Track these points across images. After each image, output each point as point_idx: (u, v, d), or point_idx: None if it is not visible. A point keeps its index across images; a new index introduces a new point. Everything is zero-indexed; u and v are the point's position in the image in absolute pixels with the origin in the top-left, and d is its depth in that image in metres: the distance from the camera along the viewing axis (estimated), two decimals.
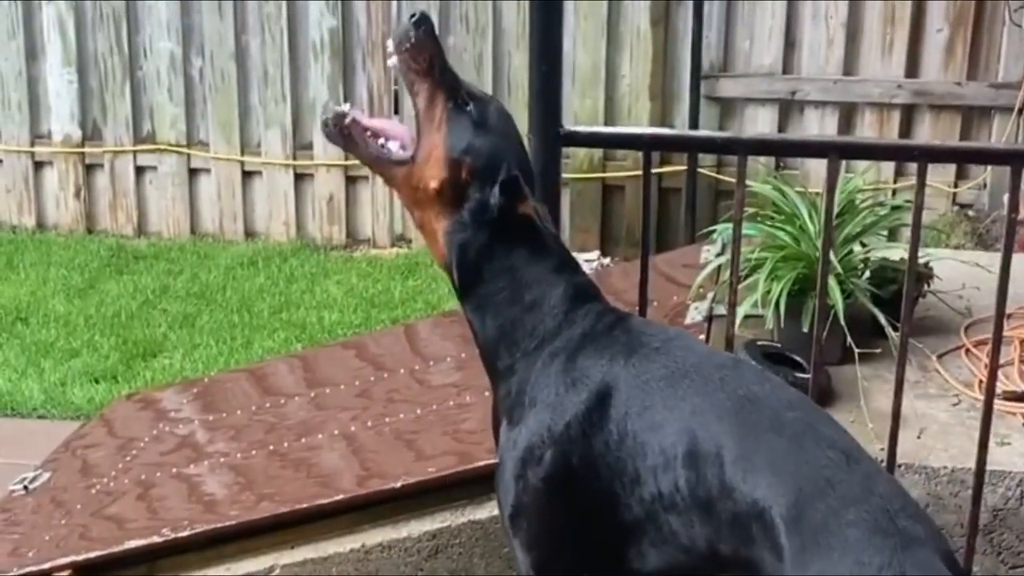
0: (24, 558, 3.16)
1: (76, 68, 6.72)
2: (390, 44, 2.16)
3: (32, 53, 6.77)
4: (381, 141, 2.20)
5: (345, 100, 6.55)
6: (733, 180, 2.64)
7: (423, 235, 2.22)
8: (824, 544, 1.76)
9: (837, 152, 2.59)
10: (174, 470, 3.54)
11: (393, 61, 2.16)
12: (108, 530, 3.26)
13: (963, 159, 5.32)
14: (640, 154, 2.73)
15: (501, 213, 2.11)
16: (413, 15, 2.14)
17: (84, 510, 3.40)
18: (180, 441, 3.76)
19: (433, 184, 2.13)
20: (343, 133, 2.20)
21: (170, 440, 3.78)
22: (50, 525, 3.35)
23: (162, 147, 6.75)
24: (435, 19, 6.26)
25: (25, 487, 3.63)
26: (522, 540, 2.14)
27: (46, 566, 3.08)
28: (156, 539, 3.10)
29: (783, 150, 4.13)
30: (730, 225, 2.75)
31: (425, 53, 2.14)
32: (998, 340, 2.54)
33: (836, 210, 3.17)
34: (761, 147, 3.17)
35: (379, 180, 6.53)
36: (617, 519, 2.05)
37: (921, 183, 2.49)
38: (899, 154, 3.22)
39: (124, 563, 3.10)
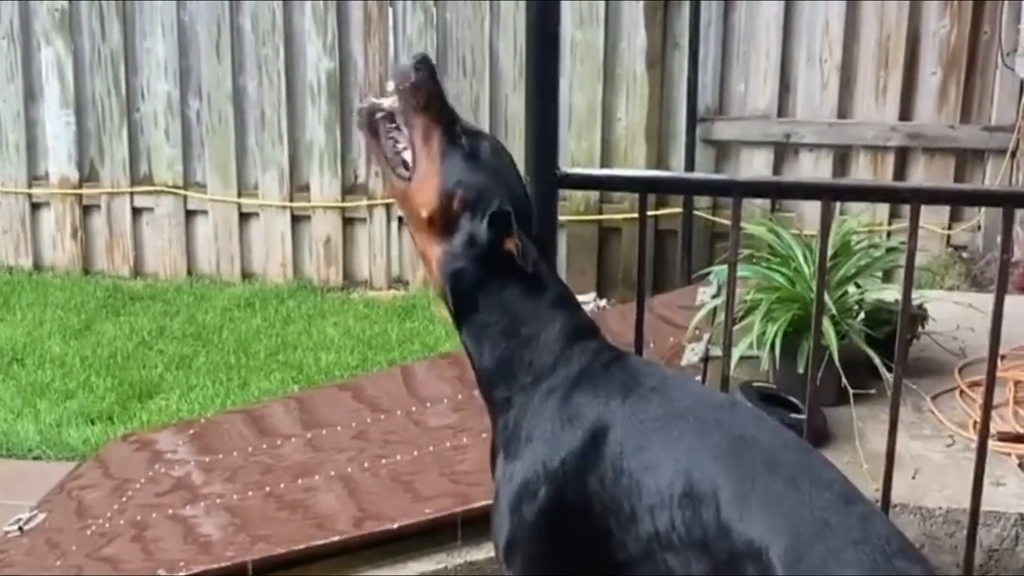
0: None
1: (74, 110, 6.75)
2: (390, 84, 2.21)
3: (31, 94, 6.81)
4: (403, 146, 2.22)
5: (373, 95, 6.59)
6: (729, 222, 2.66)
7: (422, 260, 2.26)
8: None
9: (830, 194, 2.62)
10: (170, 511, 3.53)
11: (386, 102, 2.20)
12: (103, 571, 3.25)
13: (955, 201, 5.35)
14: (636, 196, 2.74)
15: (490, 246, 2.13)
16: (414, 55, 2.19)
17: (79, 551, 3.39)
18: (176, 482, 3.75)
19: (424, 212, 2.16)
20: (371, 124, 2.23)
21: (166, 481, 3.78)
22: (45, 566, 3.34)
23: (159, 188, 6.78)
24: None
25: (20, 528, 3.63)
26: (516, 574, 2.15)
27: None
28: None
29: (777, 192, 4.17)
30: (726, 267, 2.77)
31: (424, 90, 2.18)
32: (991, 381, 2.55)
33: (830, 252, 3.20)
34: (755, 189, 3.20)
35: (376, 222, 6.59)
36: (613, 556, 2.06)
37: (914, 225, 2.51)
38: (892, 196, 3.25)
39: None
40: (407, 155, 2.21)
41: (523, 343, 2.16)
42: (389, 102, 2.23)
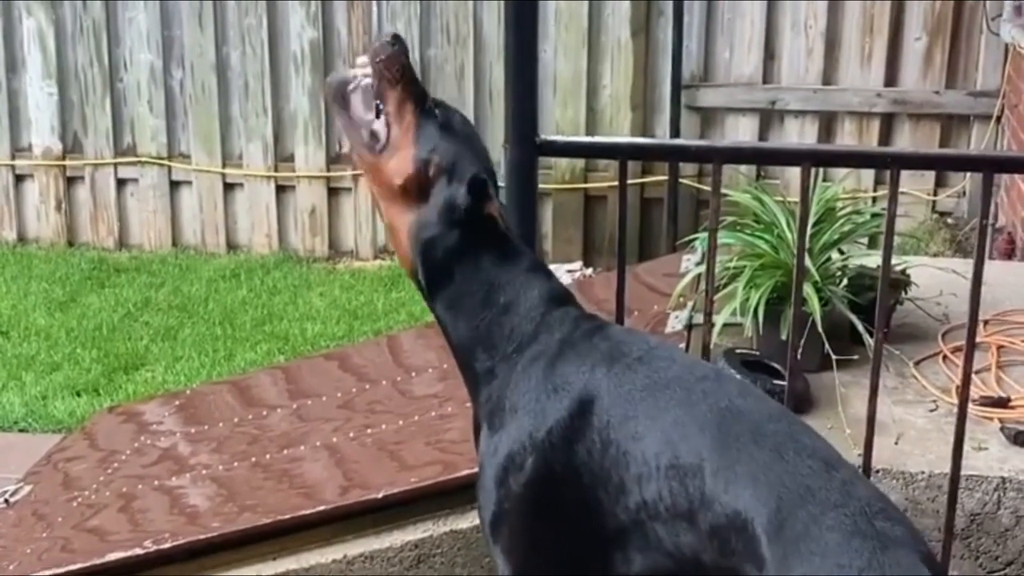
0: (5, 571, 3.15)
1: (56, 81, 6.71)
2: (362, 59, 2.23)
3: (12, 66, 6.77)
4: (371, 117, 2.22)
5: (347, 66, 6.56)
6: None
7: (390, 234, 2.27)
8: (805, 550, 1.77)
9: (811, 160, 2.61)
10: (156, 482, 3.53)
11: (354, 72, 2.22)
12: (90, 543, 3.25)
13: (935, 166, 5.37)
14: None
15: (468, 213, 2.13)
16: (387, 34, 2.22)
17: (66, 523, 3.39)
18: (162, 453, 3.75)
19: (398, 180, 2.16)
20: (342, 97, 2.24)
21: (152, 452, 3.78)
22: (31, 538, 3.34)
23: (143, 159, 6.75)
24: (416, 31, 6.32)
25: (6, 500, 3.62)
26: (503, 547, 2.15)
27: None
28: (138, 551, 3.09)
29: (757, 158, 4.16)
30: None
31: (397, 63, 2.20)
32: (971, 345, 2.56)
33: (814, 219, 3.20)
34: (736, 155, 3.20)
35: (362, 192, 6.57)
36: (602, 526, 2.06)
37: (894, 190, 2.51)
38: (873, 162, 3.25)
39: (106, 575, 3.10)
40: (377, 126, 2.21)
41: (502, 311, 2.16)
42: (358, 72, 2.23)
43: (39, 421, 4.68)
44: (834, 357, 3.12)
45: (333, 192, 6.69)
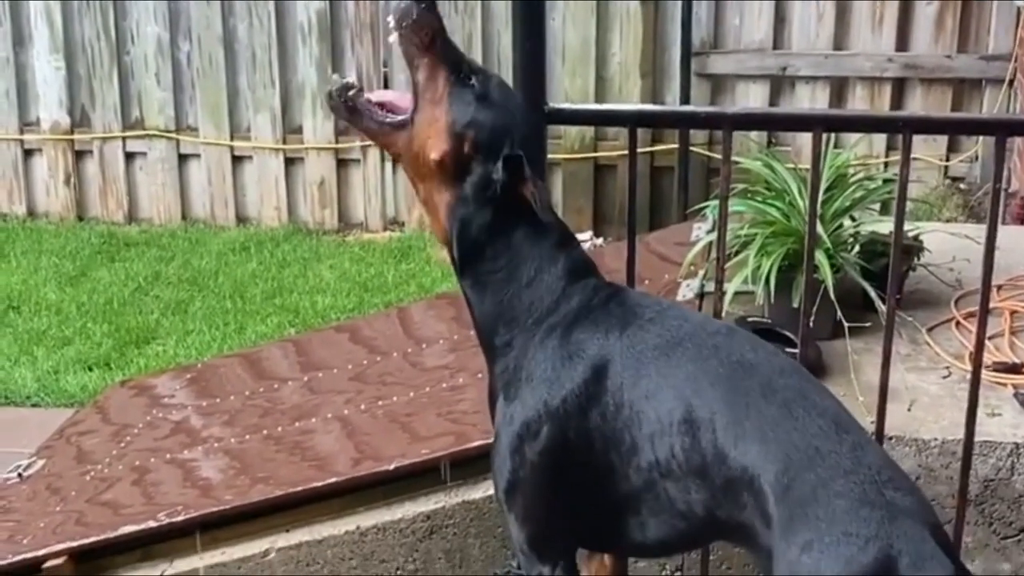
0: (19, 545, 3.16)
1: (63, 55, 6.69)
2: (390, 19, 2.12)
3: (19, 40, 6.74)
4: (385, 112, 2.17)
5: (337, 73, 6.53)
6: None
7: (425, 209, 2.22)
8: (812, 515, 1.77)
9: (822, 125, 2.59)
10: (169, 456, 3.54)
11: (394, 38, 2.14)
12: (103, 516, 3.26)
13: (947, 130, 5.32)
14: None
15: (504, 189, 2.10)
16: None
17: (79, 496, 3.40)
18: (174, 427, 3.76)
19: (434, 156, 2.11)
20: (347, 105, 2.17)
21: (164, 426, 3.79)
22: (45, 512, 3.36)
23: (151, 133, 6.73)
24: None
25: (19, 474, 3.64)
26: (517, 515, 2.15)
27: (41, 552, 3.09)
28: (151, 524, 3.11)
29: (767, 124, 4.13)
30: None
31: (426, 28, 2.10)
32: (984, 310, 2.54)
33: (826, 185, 3.18)
34: (745, 121, 3.17)
35: (371, 163, 6.55)
36: (615, 491, 2.07)
37: (906, 155, 2.48)
38: (884, 126, 3.22)
39: (119, 548, 3.12)
40: (393, 119, 2.15)
41: (524, 285, 2.14)
42: (352, 78, 2.16)
43: (51, 396, 4.69)
44: (846, 324, 3.10)
45: (342, 164, 6.66)
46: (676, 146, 6.12)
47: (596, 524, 2.14)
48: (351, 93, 2.17)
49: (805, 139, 5.46)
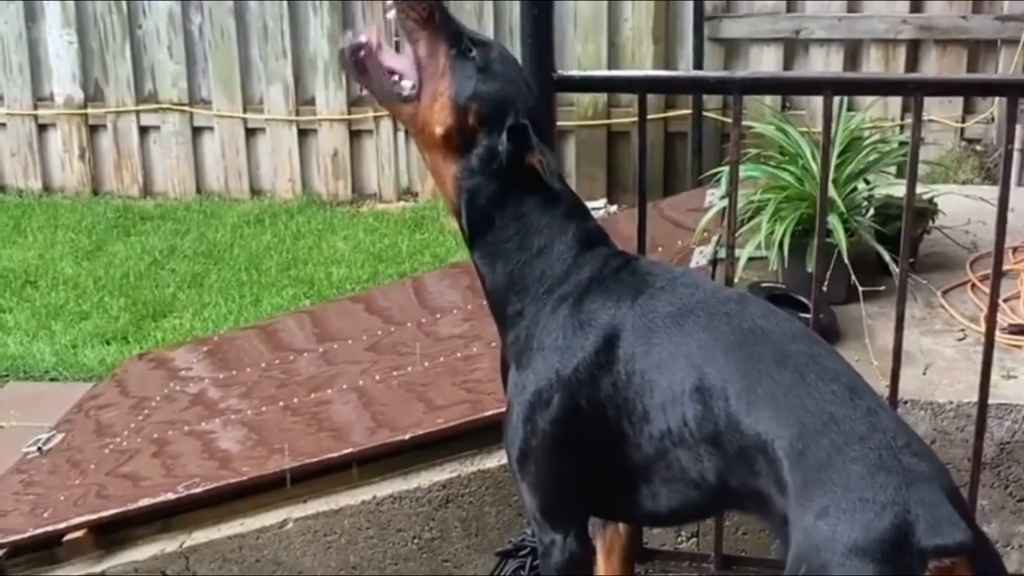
0: (40, 518, 3.19)
1: (76, 29, 6.69)
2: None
3: (31, 15, 6.74)
4: (396, 78, 2.17)
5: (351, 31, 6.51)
6: None
7: (435, 180, 2.23)
8: (827, 481, 1.77)
9: (831, 87, 2.58)
10: (187, 428, 3.57)
11: (393, 14, 2.14)
12: (123, 488, 3.29)
13: (959, 92, 5.27)
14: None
15: (510, 160, 2.10)
16: None
17: (99, 469, 3.43)
18: (192, 399, 3.79)
19: (439, 130, 2.12)
20: (358, 64, 2.19)
21: (182, 398, 3.81)
22: (65, 485, 3.39)
23: (164, 106, 6.73)
24: None
25: (39, 449, 3.67)
26: (529, 483, 2.17)
27: (62, 525, 3.12)
28: (171, 496, 3.13)
29: (778, 88, 4.12)
30: None
31: (424, 3, 2.12)
32: (998, 273, 2.53)
33: (839, 148, 3.16)
34: (755, 85, 3.14)
35: (384, 134, 6.54)
36: (627, 459, 2.07)
37: (918, 116, 2.47)
38: (895, 88, 3.20)
39: (139, 520, 3.15)
40: (405, 82, 2.16)
41: (536, 255, 2.15)
42: (368, 34, 2.17)
43: (69, 370, 4.71)
44: (861, 288, 3.09)
45: (355, 135, 6.66)
46: (689, 112, 6.09)
47: (608, 493, 2.15)
48: (362, 53, 2.17)
49: (818, 103, 5.44)
